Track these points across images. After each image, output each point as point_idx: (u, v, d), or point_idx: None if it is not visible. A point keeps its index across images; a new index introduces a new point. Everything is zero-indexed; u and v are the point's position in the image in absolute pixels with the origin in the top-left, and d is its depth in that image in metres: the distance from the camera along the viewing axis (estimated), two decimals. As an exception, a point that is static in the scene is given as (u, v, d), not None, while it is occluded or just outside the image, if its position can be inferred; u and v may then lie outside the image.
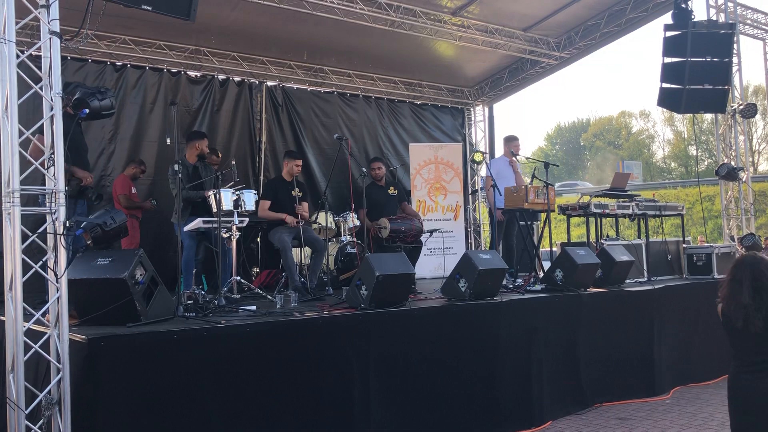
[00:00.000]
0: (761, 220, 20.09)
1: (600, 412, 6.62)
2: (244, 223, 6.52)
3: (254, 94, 10.17)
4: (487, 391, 5.89)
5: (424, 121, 12.07)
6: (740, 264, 3.77)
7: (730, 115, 9.05)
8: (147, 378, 4.18)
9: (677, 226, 10.74)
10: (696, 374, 7.64)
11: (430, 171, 11.20)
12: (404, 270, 5.72)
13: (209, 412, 4.40)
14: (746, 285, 3.63)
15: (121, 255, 4.75)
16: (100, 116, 4.51)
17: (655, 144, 57.98)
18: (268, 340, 4.77)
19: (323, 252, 7.33)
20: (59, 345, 4.00)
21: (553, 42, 10.96)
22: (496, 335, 6.03)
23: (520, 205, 7.84)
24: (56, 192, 4.05)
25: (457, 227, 11.24)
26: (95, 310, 4.50)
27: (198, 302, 5.68)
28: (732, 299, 3.71)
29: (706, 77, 8.60)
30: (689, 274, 8.64)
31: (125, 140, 8.85)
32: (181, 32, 9.09)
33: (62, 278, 4.04)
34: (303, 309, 5.70)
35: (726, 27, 8.64)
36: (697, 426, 6.13)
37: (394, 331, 5.43)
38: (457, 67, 11.66)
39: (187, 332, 4.48)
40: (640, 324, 7.30)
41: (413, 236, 7.74)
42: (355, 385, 5.11)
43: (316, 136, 10.62)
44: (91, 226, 4.62)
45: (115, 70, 8.88)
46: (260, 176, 10.11)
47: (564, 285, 6.83)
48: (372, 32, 9.35)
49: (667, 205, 9.10)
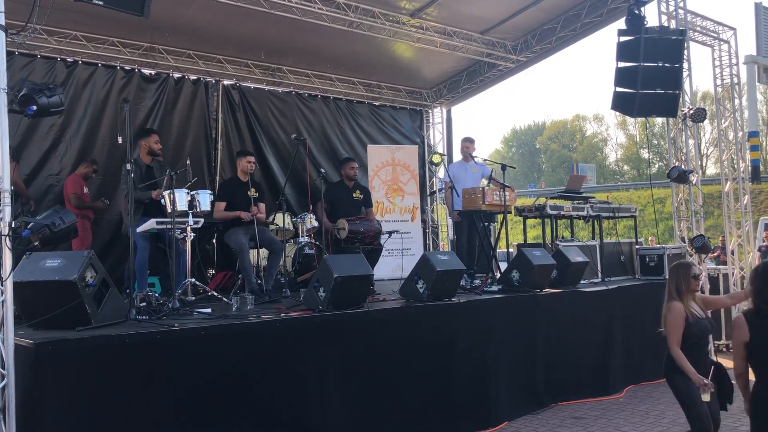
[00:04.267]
0: (710, 221, 20.65)
1: (555, 412, 6.71)
2: (199, 224, 6.39)
3: (210, 93, 10.00)
4: (445, 392, 5.91)
5: (383, 122, 12.05)
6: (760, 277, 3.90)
7: (681, 120, 9.26)
8: (97, 384, 4.06)
9: (630, 227, 10.95)
10: (648, 373, 7.78)
11: (388, 172, 11.20)
12: (363, 271, 5.69)
13: (161, 418, 4.30)
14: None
15: (70, 257, 4.61)
16: (48, 114, 4.34)
17: (608, 147, 59.26)
18: (224, 344, 4.68)
19: (280, 253, 7.25)
20: (4, 350, 3.85)
21: (510, 45, 11.07)
22: (453, 336, 6.05)
23: (477, 206, 7.89)
24: (1, 191, 3.90)
25: (415, 228, 11.26)
26: (44, 313, 4.35)
27: (151, 305, 5.55)
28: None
29: (658, 82, 8.78)
30: (642, 274, 8.82)
31: (76, 139, 8.60)
32: (135, 29, 8.88)
33: (8, 281, 3.89)
34: (259, 311, 5.62)
35: (677, 33, 8.84)
36: (649, 424, 6.25)
37: (352, 333, 5.40)
38: (416, 68, 11.68)
39: (140, 336, 4.37)
40: (595, 324, 7.42)
41: (372, 237, 7.72)
42: (312, 388, 5.07)
43: (273, 136, 10.51)
44: (39, 227, 4.46)
45: (66, 67, 8.63)
46: (216, 176, 9.95)
47: (520, 286, 6.89)
48: (330, 32, 9.29)
49: (621, 207, 9.27)
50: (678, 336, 4.39)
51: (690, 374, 4.30)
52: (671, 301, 4.51)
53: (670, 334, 4.43)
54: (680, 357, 4.36)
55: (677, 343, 4.39)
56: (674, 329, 4.41)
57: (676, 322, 4.41)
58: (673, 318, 4.43)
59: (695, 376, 4.27)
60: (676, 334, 4.39)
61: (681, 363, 4.34)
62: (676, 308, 4.46)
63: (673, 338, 4.40)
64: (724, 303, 5.44)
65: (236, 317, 5.22)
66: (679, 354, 4.37)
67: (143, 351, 4.31)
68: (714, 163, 40.40)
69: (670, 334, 4.43)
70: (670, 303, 4.52)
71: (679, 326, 4.40)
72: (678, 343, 4.38)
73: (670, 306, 4.50)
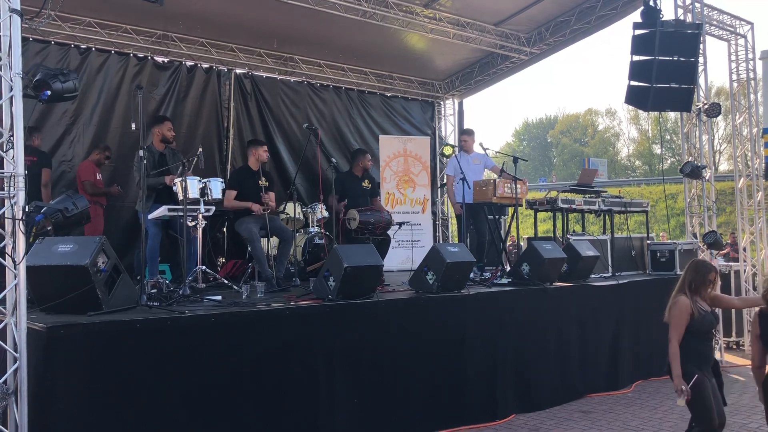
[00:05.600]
0: (722, 218, 20.53)
1: (563, 405, 6.69)
2: (210, 211, 6.41)
3: (222, 81, 10.02)
4: (452, 383, 5.91)
5: (394, 113, 12.03)
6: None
7: (695, 115, 9.19)
8: (107, 368, 4.09)
9: (641, 222, 10.89)
10: (657, 368, 7.73)
11: (399, 164, 11.17)
12: (372, 262, 5.68)
13: (171, 403, 4.32)
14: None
15: (82, 242, 4.63)
16: (62, 99, 4.36)
17: (620, 142, 58.95)
18: (233, 331, 4.70)
19: (291, 242, 7.26)
20: (16, 333, 3.88)
21: (523, 37, 11.00)
22: (462, 328, 6.04)
23: (488, 198, 7.86)
24: (15, 176, 3.91)
25: (425, 220, 11.24)
26: (55, 298, 4.38)
27: (162, 291, 5.58)
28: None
29: (673, 76, 8.70)
30: (652, 269, 8.78)
31: (89, 126, 8.65)
32: (148, 16, 8.89)
33: (20, 265, 3.91)
34: (269, 300, 5.64)
35: (693, 27, 8.75)
36: (658, 419, 6.23)
37: (361, 323, 5.41)
38: (428, 59, 11.64)
39: (150, 321, 4.39)
40: (604, 318, 7.39)
41: (382, 228, 7.71)
42: (321, 377, 5.08)
43: (284, 125, 10.51)
44: (52, 211, 4.49)
45: (79, 53, 8.65)
46: (227, 165, 9.97)
47: (530, 279, 6.87)
48: (343, 22, 9.26)
49: (633, 202, 9.22)
50: (680, 331, 4.32)
51: (674, 375, 4.26)
52: (679, 295, 4.44)
53: (672, 329, 4.37)
54: (675, 353, 4.29)
55: (677, 338, 4.31)
56: (677, 324, 4.34)
57: (680, 316, 4.34)
58: (678, 312, 4.36)
59: (677, 378, 4.24)
60: (678, 329, 4.33)
61: (672, 359, 4.28)
62: (682, 303, 4.39)
63: (674, 332, 4.33)
64: (734, 305, 5.29)
65: (246, 305, 5.23)
66: (674, 350, 4.30)
67: (153, 337, 4.33)
68: (727, 160, 40.16)
69: (672, 329, 4.37)
70: (678, 297, 4.44)
71: (682, 321, 4.33)
72: (678, 339, 4.31)
73: (677, 300, 4.42)
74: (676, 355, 4.29)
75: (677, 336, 4.32)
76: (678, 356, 4.28)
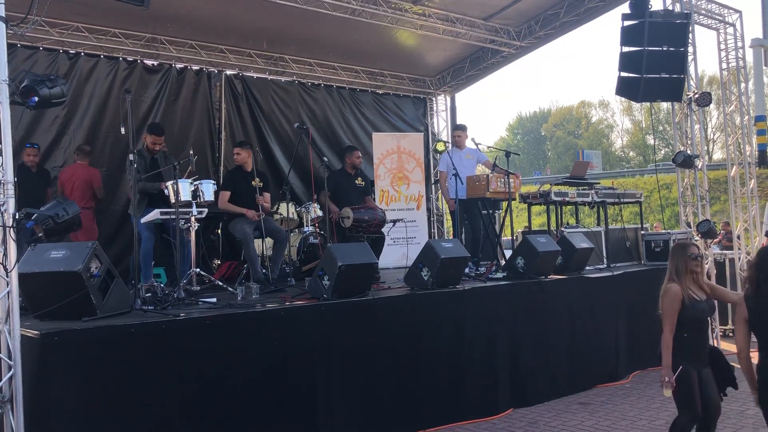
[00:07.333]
0: (716, 207, 20.56)
1: (561, 398, 6.70)
2: (202, 214, 6.40)
3: (213, 83, 9.98)
4: (450, 378, 5.92)
5: (386, 110, 12.01)
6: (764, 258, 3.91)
7: (686, 104, 9.20)
8: (103, 374, 4.09)
9: (635, 213, 10.92)
10: (655, 359, 7.73)
11: (393, 161, 11.15)
12: (367, 260, 5.69)
13: (168, 407, 4.32)
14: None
15: (75, 248, 4.62)
16: (50, 105, 4.34)
17: (614, 133, 59.01)
18: (229, 333, 4.70)
19: (285, 242, 7.26)
20: (10, 341, 3.88)
21: (513, 31, 11.00)
22: (458, 323, 6.05)
23: (481, 194, 7.86)
24: (5, 183, 3.91)
25: (420, 217, 11.23)
26: (49, 304, 4.37)
27: (156, 295, 5.57)
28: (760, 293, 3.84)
29: (663, 66, 8.72)
30: (647, 260, 8.80)
31: (79, 131, 8.60)
32: (136, 20, 8.85)
33: (13, 272, 3.91)
34: (264, 300, 5.64)
35: (681, 17, 8.77)
36: (655, 409, 6.25)
37: (356, 322, 5.41)
38: (419, 56, 11.63)
39: (145, 326, 4.39)
40: (600, 310, 7.41)
41: (376, 226, 7.70)
42: (318, 377, 5.08)
43: (276, 126, 10.49)
44: (43, 218, 4.47)
45: (68, 59, 8.61)
46: (220, 167, 9.94)
47: (525, 272, 6.88)
48: (332, 20, 9.24)
49: (626, 193, 9.24)
50: (672, 321, 4.26)
51: (663, 365, 4.24)
52: (669, 284, 4.37)
53: (665, 318, 4.33)
54: (666, 343, 4.25)
55: (670, 327, 4.25)
56: (670, 314, 4.28)
57: (672, 306, 4.28)
58: (669, 302, 4.30)
59: (666, 369, 4.22)
60: (671, 319, 4.26)
61: (664, 349, 4.25)
62: (672, 291, 4.31)
63: (667, 321, 4.28)
64: (731, 299, 5.19)
65: (241, 306, 5.23)
66: (667, 340, 4.25)
67: (149, 341, 4.33)
68: (720, 148, 40.23)
69: (665, 318, 4.33)
70: (668, 285, 4.37)
71: (674, 311, 4.27)
72: (671, 328, 4.26)
73: (667, 289, 4.35)
74: (667, 345, 4.25)
75: (670, 325, 4.28)
76: (670, 346, 4.25)
